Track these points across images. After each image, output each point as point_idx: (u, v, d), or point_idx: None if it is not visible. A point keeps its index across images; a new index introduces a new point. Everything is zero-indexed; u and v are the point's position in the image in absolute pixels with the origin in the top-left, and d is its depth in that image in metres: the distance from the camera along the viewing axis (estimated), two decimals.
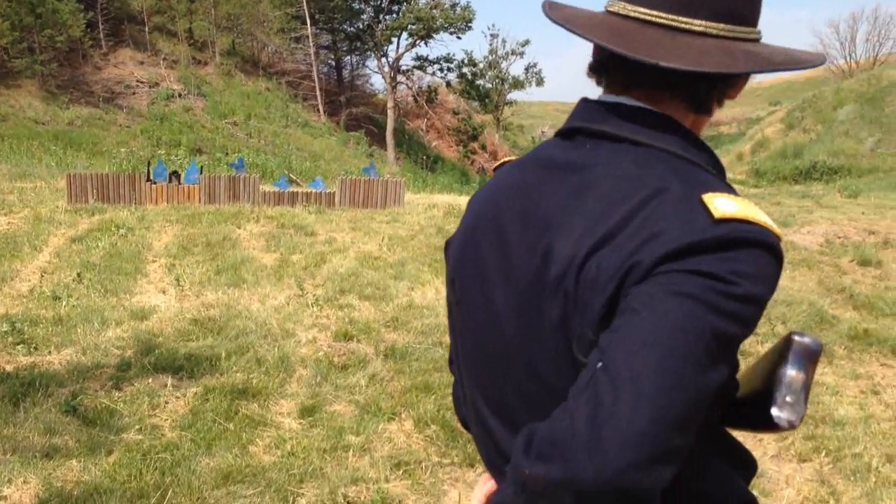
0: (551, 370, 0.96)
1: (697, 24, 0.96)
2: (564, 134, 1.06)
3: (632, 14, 0.99)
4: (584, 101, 1.07)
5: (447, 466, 4.13)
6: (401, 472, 4.02)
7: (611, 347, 0.83)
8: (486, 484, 1.19)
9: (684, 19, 0.96)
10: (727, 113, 58.91)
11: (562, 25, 1.01)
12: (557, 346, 0.94)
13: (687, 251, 0.85)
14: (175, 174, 13.78)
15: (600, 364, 0.83)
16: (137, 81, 31.49)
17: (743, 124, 55.85)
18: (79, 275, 8.07)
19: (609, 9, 1.03)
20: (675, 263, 0.85)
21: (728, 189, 0.92)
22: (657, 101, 1.01)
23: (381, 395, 5.09)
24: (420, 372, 5.52)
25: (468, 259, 1.10)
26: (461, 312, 1.13)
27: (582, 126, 1.03)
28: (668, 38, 0.95)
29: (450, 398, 4.83)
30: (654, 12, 0.97)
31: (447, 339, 6.42)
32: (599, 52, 1.04)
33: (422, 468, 4.07)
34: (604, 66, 1.05)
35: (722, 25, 0.96)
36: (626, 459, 0.76)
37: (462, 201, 16.30)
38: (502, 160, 1.22)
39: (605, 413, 0.78)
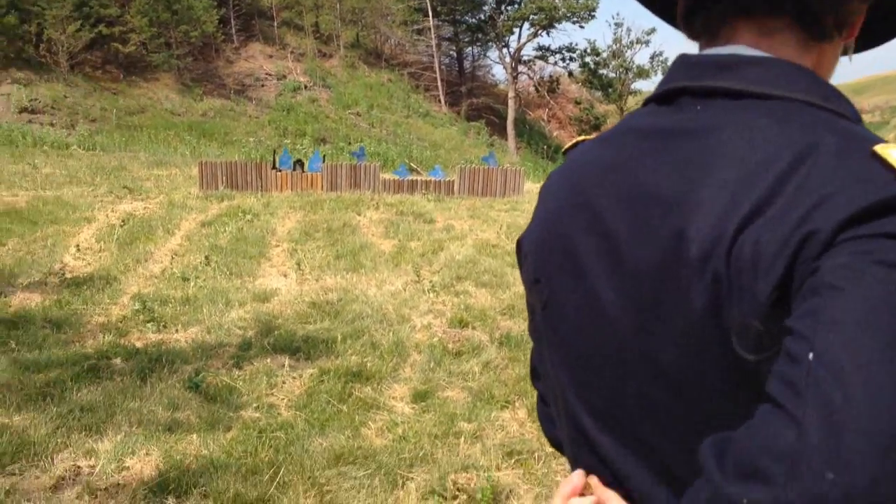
0: (688, 369, 0.80)
1: None
2: (662, 98, 0.91)
3: None
4: (684, 57, 0.92)
5: (560, 457, 3.99)
6: (513, 461, 3.91)
7: (818, 335, 0.67)
8: (573, 484, 0.97)
9: None
10: (870, 101, 55.64)
11: None
12: (703, 340, 0.78)
13: (875, 212, 0.69)
14: (299, 162, 14.14)
15: (811, 356, 0.67)
16: (266, 74, 32.59)
17: (886, 112, 52.62)
18: (206, 257, 8.35)
19: None
20: (862, 227, 0.69)
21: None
22: (771, 34, 0.86)
23: (495, 382, 4.99)
24: None
25: (555, 254, 0.95)
26: (552, 315, 0.97)
27: (687, 85, 0.87)
28: None
29: None
30: None
31: None
32: None
33: (534, 458, 3.95)
34: (700, 3, 0.90)
35: None
36: (878, 470, 0.60)
37: None
38: (575, 140, 1.06)
39: (840, 416, 0.62)
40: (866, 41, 0.97)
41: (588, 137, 1.03)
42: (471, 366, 5.25)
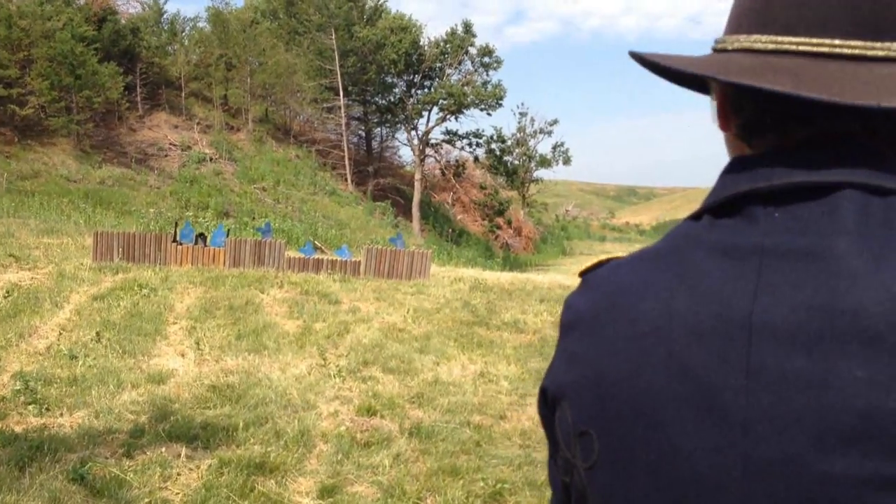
0: None
1: (895, 49, 0.74)
2: (720, 208, 0.76)
3: (794, 48, 0.75)
4: (741, 159, 0.79)
5: None
6: None
7: None
8: None
9: (879, 44, 0.74)
10: None
11: (712, 77, 0.76)
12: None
13: None
14: (201, 236, 13.75)
15: None
16: (170, 144, 32.02)
17: None
18: (98, 334, 7.89)
19: (737, 46, 0.78)
20: None
21: None
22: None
23: (406, 476, 4.79)
24: (447, 454, 5.22)
25: (613, 401, 0.78)
26: (605, 476, 0.79)
27: (754, 188, 0.74)
28: (866, 71, 0.73)
29: (479, 484, 4.49)
30: (839, 42, 0.74)
31: (475, 418, 6.13)
32: (758, 106, 0.77)
33: None
34: (767, 124, 0.77)
35: None
36: None
37: (487, 276, 16.11)
38: (601, 259, 0.90)
39: None
40: None
41: (616, 256, 0.88)
42: (380, 458, 5.03)
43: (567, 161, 50.83)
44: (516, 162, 48.30)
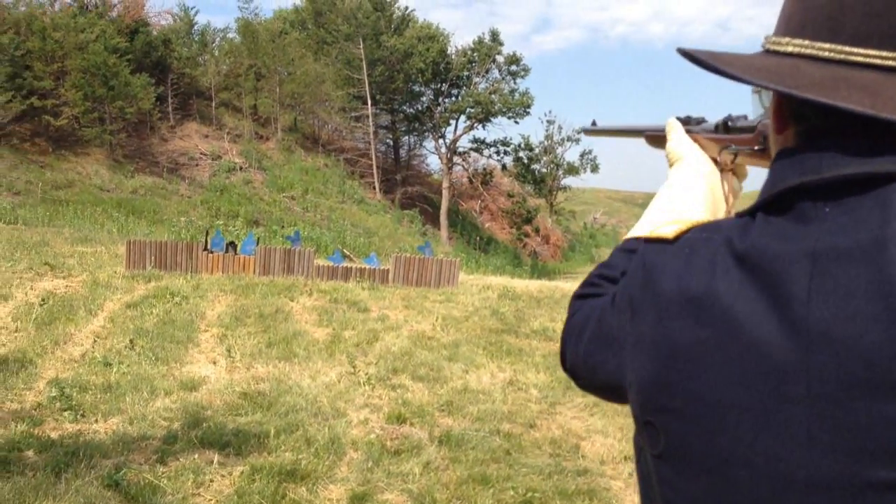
0: None
1: None
2: (771, 205, 0.76)
3: (866, 61, 0.72)
4: (788, 150, 0.78)
5: None
6: None
7: None
8: None
9: None
10: None
11: (787, 92, 0.73)
12: None
13: None
14: (232, 244, 13.86)
15: None
16: (201, 154, 32.35)
17: None
18: (131, 341, 7.99)
19: (801, 52, 0.75)
20: None
21: None
22: None
23: (436, 485, 4.79)
24: (477, 462, 5.21)
25: (682, 402, 0.77)
26: (673, 468, 0.79)
27: (804, 181, 0.73)
28: None
29: (509, 492, 4.47)
30: (883, 53, 0.72)
31: (505, 427, 6.12)
32: (826, 119, 0.74)
33: None
34: (830, 131, 0.75)
35: None
36: None
37: (516, 284, 16.07)
38: (688, 226, 0.86)
39: None
40: None
41: (666, 238, 0.86)
42: (410, 466, 5.04)
43: (595, 169, 50.58)
44: (544, 170, 48.17)
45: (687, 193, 1.10)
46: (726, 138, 1.12)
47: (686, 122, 1.21)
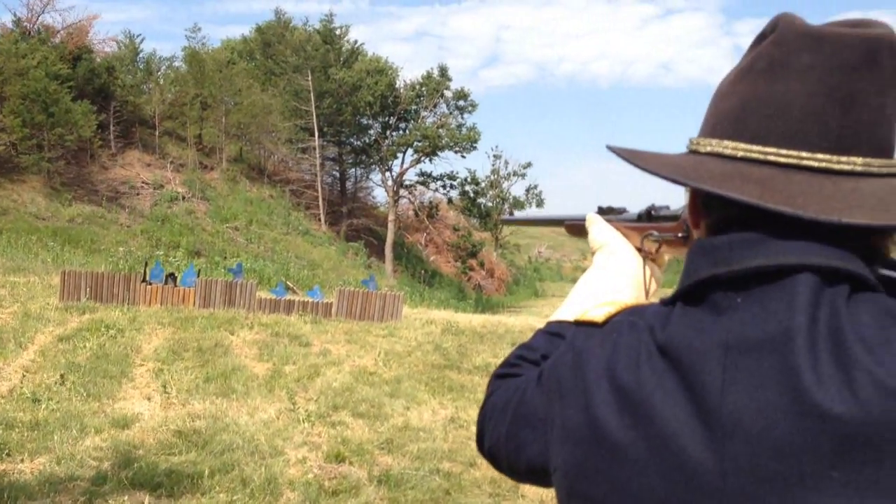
0: None
1: (859, 164, 0.76)
2: (689, 295, 0.78)
3: (763, 158, 0.76)
4: (702, 242, 0.80)
5: None
6: None
7: None
8: None
9: (844, 159, 0.76)
10: None
11: (683, 183, 0.80)
12: None
13: None
14: (172, 276, 13.61)
15: None
16: (143, 183, 31.80)
17: None
18: (62, 376, 7.75)
19: (709, 150, 0.81)
20: None
21: None
22: None
23: None
24: (416, 502, 5.16)
25: (601, 489, 0.79)
26: None
27: (715, 273, 0.76)
28: (831, 185, 0.75)
29: None
30: (806, 154, 0.75)
31: (445, 465, 6.07)
32: (726, 210, 0.78)
33: None
34: (733, 223, 0.78)
35: (881, 161, 0.76)
36: None
37: (460, 318, 16.08)
38: (618, 309, 0.89)
39: None
40: None
41: (623, 308, 0.89)
42: None
43: (540, 203, 51.13)
44: (490, 204, 48.49)
45: (614, 277, 1.14)
46: (649, 226, 1.15)
47: (606, 212, 1.26)
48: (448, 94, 42.96)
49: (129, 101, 35.04)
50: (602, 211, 1.26)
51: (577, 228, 1.34)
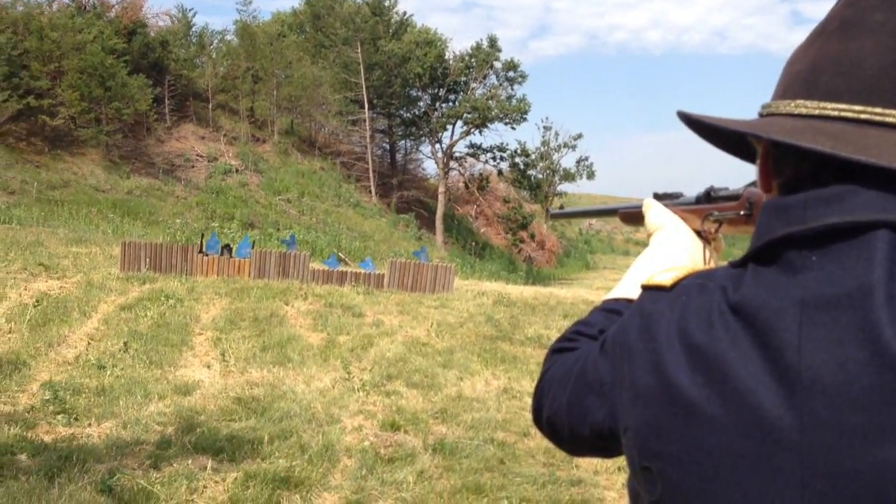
0: None
1: None
2: (761, 255, 0.78)
3: (836, 114, 0.76)
4: (774, 202, 0.80)
5: None
6: None
7: None
8: None
9: None
10: None
11: (753, 134, 0.81)
12: None
13: None
14: (227, 247, 13.85)
15: None
16: (197, 155, 32.33)
17: None
18: (125, 344, 7.97)
19: (781, 111, 0.81)
20: None
21: None
22: None
23: (430, 493, 4.79)
24: (471, 471, 5.21)
25: (678, 449, 0.78)
26: None
27: (789, 232, 0.75)
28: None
29: (503, 502, 4.47)
30: (879, 110, 0.74)
31: (499, 435, 6.12)
32: (798, 168, 0.79)
33: None
34: (806, 182, 0.78)
35: None
36: None
37: (511, 290, 16.08)
38: (687, 273, 0.89)
39: None
40: None
41: (694, 272, 0.88)
42: (404, 474, 5.04)
43: (591, 175, 50.71)
44: (540, 176, 48.22)
45: (672, 255, 1.14)
46: (709, 207, 1.15)
47: (662, 197, 1.25)
48: (497, 65, 42.66)
49: (183, 75, 35.53)
50: (658, 197, 1.26)
51: (632, 216, 1.33)
